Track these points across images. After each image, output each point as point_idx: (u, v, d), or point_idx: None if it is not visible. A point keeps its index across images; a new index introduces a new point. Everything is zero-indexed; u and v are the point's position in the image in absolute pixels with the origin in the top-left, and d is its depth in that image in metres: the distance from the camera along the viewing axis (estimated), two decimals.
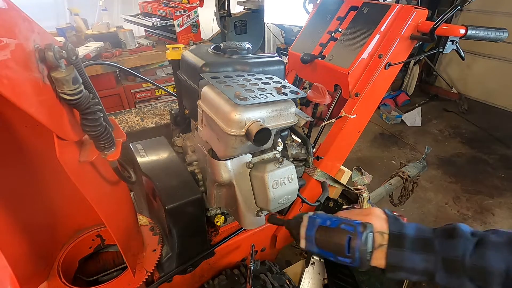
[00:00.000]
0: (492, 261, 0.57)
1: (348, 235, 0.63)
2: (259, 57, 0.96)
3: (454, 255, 0.60)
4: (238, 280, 1.14)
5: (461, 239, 0.61)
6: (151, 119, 1.64)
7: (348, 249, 0.62)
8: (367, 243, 0.62)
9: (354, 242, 0.62)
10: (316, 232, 0.67)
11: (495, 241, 0.59)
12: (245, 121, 0.73)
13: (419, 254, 0.62)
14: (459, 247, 0.60)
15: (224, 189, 0.95)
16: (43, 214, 0.87)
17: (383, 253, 0.64)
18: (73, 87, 0.54)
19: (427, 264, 0.62)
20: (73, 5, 2.97)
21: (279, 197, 0.89)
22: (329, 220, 0.68)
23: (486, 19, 3.98)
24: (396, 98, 4.38)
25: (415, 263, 0.62)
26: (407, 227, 0.66)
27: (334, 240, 0.64)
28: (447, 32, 0.95)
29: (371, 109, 1.15)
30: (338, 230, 0.65)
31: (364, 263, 0.63)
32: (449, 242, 0.62)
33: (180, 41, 2.79)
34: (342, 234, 0.63)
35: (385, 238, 0.65)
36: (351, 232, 0.63)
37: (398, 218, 0.68)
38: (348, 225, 0.64)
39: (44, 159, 0.78)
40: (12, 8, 0.44)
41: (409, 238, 0.64)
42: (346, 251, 0.63)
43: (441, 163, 3.23)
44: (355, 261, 0.63)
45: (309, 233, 0.68)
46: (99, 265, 1.11)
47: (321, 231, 0.67)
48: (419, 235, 0.64)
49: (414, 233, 0.65)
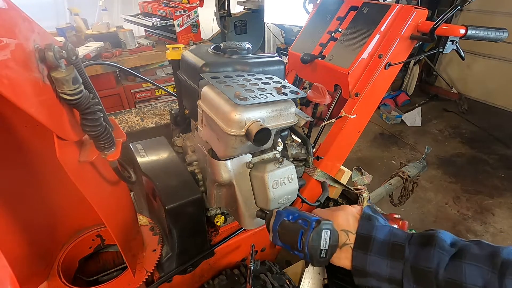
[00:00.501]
0: (468, 276, 0.51)
1: (301, 230, 0.64)
2: (259, 57, 0.96)
3: (427, 266, 0.55)
4: (238, 280, 1.14)
5: (436, 249, 0.55)
6: (151, 119, 1.64)
7: (300, 244, 0.63)
8: (320, 240, 0.61)
9: (304, 237, 0.62)
10: (279, 226, 0.69)
11: (475, 253, 0.53)
12: (245, 121, 0.73)
13: (385, 260, 0.58)
14: (433, 257, 0.55)
15: (224, 189, 0.95)
16: (43, 214, 0.87)
17: (348, 253, 0.62)
18: (73, 87, 0.54)
19: (392, 271, 0.58)
20: (73, 5, 2.97)
21: (279, 197, 0.89)
22: (292, 215, 0.69)
23: (486, 19, 3.98)
24: (396, 98, 4.38)
25: (380, 269, 0.59)
26: (378, 229, 0.62)
27: (290, 234, 0.66)
28: (447, 32, 0.95)
29: (371, 109, 1.15)
30: (295, 225, 0.66)
31: (315, 260, 0.62)
32: (422, 251, 0.56)
33: (180, 41, 2.80)
34: (297, 229, 0.65)
35: (351, 237, 0.62)
36: (304, 228, 0.64)
37: (374, 218, 0.64)
38: (304, 221, 0.65)
39: (44, 159, 0.78)
40: (12, 8, 0.44)
41: (377, 241, 0.60)
42: (298, 246, 0.63)
43: (441, 163, 3.23)
44: (306, 256, 0.63)
45: (274, 227, 0.70)
46: (99, 265, 1.11)
47: (283, 225, 0.68)
48: (389, 239, 0.60)
49: (383, 236, 0.60)
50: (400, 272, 0.57)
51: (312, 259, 0.62)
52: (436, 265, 0.54)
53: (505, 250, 0.52)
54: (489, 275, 0.51)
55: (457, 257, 0.54)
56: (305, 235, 0.62)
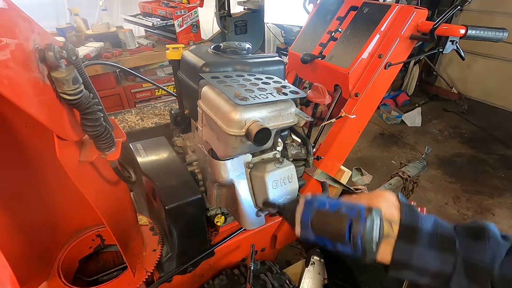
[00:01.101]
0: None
1: (349, 219, 0.55)
2: (259, 57, 0.96)
3: (480, 260, 0.50)
4: (238, 280, 1.14)
5: (490, 242, 0.51)
6: (151, 119, 1.64)
7: (349, 235, 0.54)
8: (373, 230, 0.53)
9: (356, 227, 0.53)
10: (313, 217, 0.59)
11: None
12: (245, 121, 0.73)
13: (433, 252, 0.53)
14: (487, 251, 0.51)
15: (224, 189, 0.95)
16: (43, 214, 0.87)
17: (390, 246, 0.55)
18: (73, 87, 0.54)
19: (443, 265, 0.52)
20: (73, 5, 2.97)
21: (279, 197, 0.89)
22: (329, 204, 0.60)
23: (486, 19, 3.98)
24: (396, 98, 4.38)
25: (427, 262, 0.53)
26: (423, 219, 0.55)
27: (333, 225, 0.56)
28: (447, 32, 0.95)
29: (371, 109, 1.15)
30: (338, 214, 0.57)
31: (368, 254, 0.54)
32: (475, 244, 0.52)
33: (180, 41, 2.79)
34: (343, 219, 0.56)
35: (395, 229, 0.55)
36: (353, 217, 0.55)
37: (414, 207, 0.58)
38: (351, 209, 0.56)
39: (44, 159, 0.78)
40: (12, 8, 0.44)
41: (425, 232, 0.54)
42: (346, 237, 0.54)
43: (441, 163, 3.23)
44: (357, 251, 0.54)
45: (305, 218, 0.60)
46: (99, 265, 1.11)
47: (319, 215, 0.59)
48: (438, 230, 0.54)
49: (431, 227, 0.55)
50: (451, 266, 0.52)
51: (365, 254, 0.53)
52: (491, 260, 0.50)
53: None
54: None
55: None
56: (356, 225, 0.53)
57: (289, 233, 1.38)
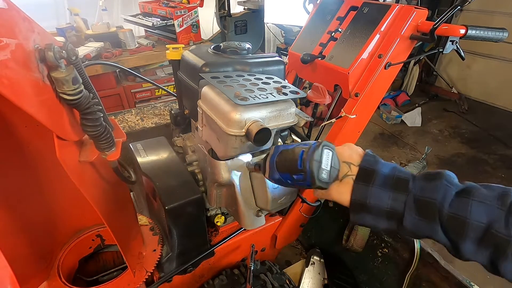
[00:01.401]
0: (473, 212, 0.50)
1: (302, 150, 0.61)
2: (259, 57, 0.97)
3: (431, 197, 0.53)
4: (238, 280, 1.14)
5: (443, 182, 0.54)
6: (151, 119, 1.64)
7: (301, 162, 0.60)
8: (321, 157, 0.59)
9: (305, 154, 0.60)
10: (277, 156, 0.66)
11: (484, 193, 0.52)
12: (245, 121, 0.73)
13: (388, 192, 0.56)
14: (439, 190, 0.53)
15: (224, 189, 0.95)
16: (43, 214, 0.87)
17: (348, 186, 0.59)
18: (73, 87, 0.54)
19: (394, 204, 0.55)
20: (73, 5, 2.97)
21: (279, 197, 0.89)
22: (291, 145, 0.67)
23: (486, 19, 3.98)
24: (396, 98, 4.38)
25: (381, 201, 0.56)
26: (382, 165, 0.59)
27: (289, 158, 0.63)
28: (447, 32, 0.95)
29: (371, 109, 1.15)
30: (294, 148, 0.63)
31: (316, 178, 0.58)
32: (428, 183, 0.55)
33: (180, 41, 2.79)
34: (297, 151, 0.62)
35: (353, 170, 0.60)
36: (305, 147, 0.61)
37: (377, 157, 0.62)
38: (305, 143, 0.63)
39: (44, 159, 0.78)
40: (12, 8, 0.44)
41: (380, 174, 0.57)
42: (298, 165, 0.60)
43: (441, 163, 3.22)
44: (306, 177, 0.59)
45: (272, 160, 0.67)
46: (99, 265, 1.11)
47: (281, 154, 0.66)
48: (395, 173, 0.58)
49: (389, 171, 0.58)
50: (403, 204, 0.55)
51: (312, 177, 0.59)
52: (441, 198, 0.52)
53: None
54: (496, 211, 0.49)
55: (464, 194, 0.52)
56: (306, 153, 0.60)
57: (289, 233, 1.38)
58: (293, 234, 1.43)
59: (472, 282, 1.01)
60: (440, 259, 1.09)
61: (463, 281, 1.02)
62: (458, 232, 0.51)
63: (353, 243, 1.31)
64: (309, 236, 1.76)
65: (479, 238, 0.50)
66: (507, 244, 0.47)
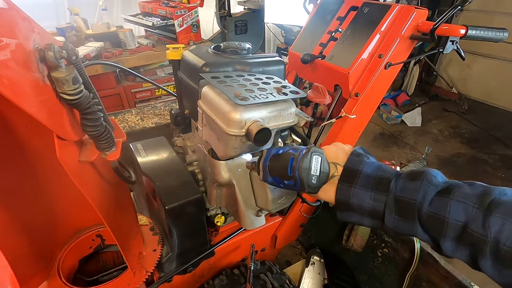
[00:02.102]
0: (452, 211, 0.50)
1: (291, 157, 0.63)
2: (259, 57, 0.96)
3: (411, 198, 0.54)
4: (238, 280, 1.14)
5: (424, 182, 0.54)
6: (151, 119, 1.64)
7: (290, 169, 0.63)
8: (310, 164, 0.61)
9: (295, 162, 0.62)
10: (269, 161, 0.68)
11: (465, 192, 0.52)
12: (245, 121, 0.73)
13: (369, 192, 0.57)
14: (419, 190, 0.53)
15: (224, 189, 0.95)
16: (43, 214, 0.87)
17: (334, 186, 0.61)
18: (73, 87, 0.54)
19: (375, 204, 0.57)
20: (73, 5, 2.97)
21: (279, 197, 0.89)
22: (282, 149, 0.68)
23: (486, 19, 3.98)
24: (396, 98, 4.38)
25: (363, 201, 0.58)
26: (366, 164, 0.60)
27: (280, 164, 0.65)
28: (447, 32, 0.95)
29: (371, 109, 1.15)
30: (285, 154, 0.66)
31: (306, 184, 0.61)
32: (409, 184, 0.55)
33: (180, 41, 2.79)
34: (287, 157, 0.64)
35: (339, 170, 0.62)
36: (295, 154, 0.63)
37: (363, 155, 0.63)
38: (295, 149, 0.65)
39: (44, 159, 0.78)
40: (12, 8, 0.44)
41: (363, 175, 0.59)
42: (288, 171, 0.63)
43: (441, 163, 3.22)
44: (297, 183, 0.62)
45: (265, 163, 0.69)
46: (99, 265, 1.11)
47: (273, 159, 0.68)
48: (376, 173, 0.59)
49: (371, 171, 0.59)
50: (383, 204, 0.56)
51: (302, 184, 0.61)
52: (421, 198, 0.53)
53: (497, 190, 0.51)
54: (474, 211, 0.49)
55: (444, 193, 0.53)
56: (295, 160, 0.62)
57: (289, 233, 1.38)
58: (293, 234, 1.43)
59: (472, 282, 1.01)
60: (440, 259, 1.09)
61: (463, 281, 1.02)
62: (437, 231, 0.52)
63: (353, 243, 1.31)
64: (309, 236, 1.76)
65: (457, 236, 0.50)
66: (483, 243, 0.47)
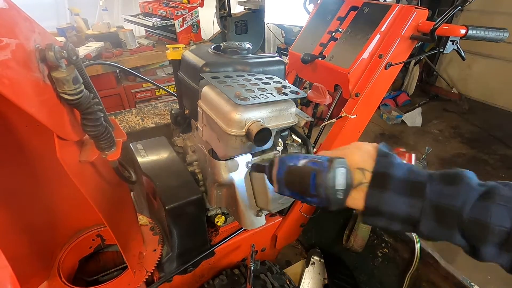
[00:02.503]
0: (495, 216, 0.48)
1: (313, 172, 0.57)
2: (259, 57, 0.96)
3: (451, 204, 0.51)
4: (238, 280, 1.14)
5: (463, 186, 0.51)
6: (152, 119, 1.64)
7: (314, 187, 0.57)
8: (335, 179, 0.56)
9: (319, 178, 0.56)
10: (285, 173, 0.62)
11: (505, 194, 0.49)
12: (246, 121, 0.73)
13: (403, 197, 0.54)
14: (459, 195, 0.51)
15: (224, 189, 0.95)
16: (44, 214, 0.87)
17: (362, 193, 0.56)
18: (74, 87, 0.54)
19: (410, 210, 0.53)
20: (73, 5, 2.98)
21: (279, 197, 0.89)
22: (297, 159, 0.62)
23: (487, 19, 3.98)
24: (396, 98, 4.38)
25: (396, 208, 0.54)
26: (396, 167, 0.56)
27: (299, 179, 0.59)
28: (447, 32, 0.95)
29: (372, 109, 1.15)
30: (303, 168, 0.59)
31: (333, 203, 0.56)
32: (447, 188, 0.52)
33: (180, 41, 2.80)
34: (307, 172, 0.58)
35: (367, 176, 0.57)
36: (316, 169, 0.57)
37: (391, 156, 0.59)
38: (315, 162, 0.59)
39: (45, 159, 0.78)
40: (13, 8, 0.44)
41: (396, 179, 0.55)
42: (311, 189, 0.57)
43: (441, 163, 3.22)
44: (322, 201, 0.57)
45: (279, 175, 0.63)
46: (99, 265, 1.11)
47: (289, 171, 0.62)
48: (409, 177, 0.55)
49: (403, 174, 0.56)
50: (419, 211, 0.53)
51: (329, 202, 0.56)
52: (461, 204, 0.50)
53: None
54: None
55: (485, 197, 0.50)
56: (319, 177, 0.56)
57: (290, 233, 1.38)
58: (293, 234, 1.43)
59: (472, 282, 1.01)
60: (440, 259, 1.09)
61: (463, 281, 1.02)
62: (479, 237, 0.50)
63: (353, 243, 1.31)
64: (309, 236, 1.76)
65: (501, 242, 0.48)
66: None
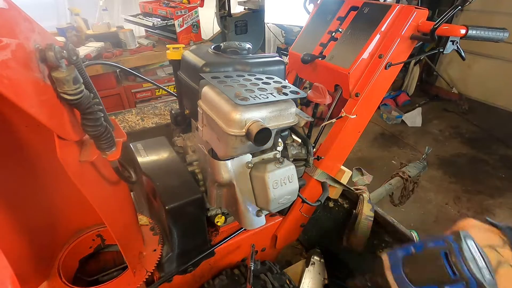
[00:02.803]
0: None
1: (442, 251, 0.48)
2: (259, 57, 0.96)
3: None
4: (238, 280, 1.14)
5: None
6: (152, 119, 1.64)
7: (450, 268, 0.47)
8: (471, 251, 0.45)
9: (453, 255, 0.46)
10: (404, 267, 0.52)
11: None
12: (246, 121, 0.73)
13: None
14: None
15: (225, 189, 0.95)
16: (44, 214, 0.87)
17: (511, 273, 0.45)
18: (74, 87, 0.54)
19: None
20: (73, 5, 2.98)
21: (280, 197, 0.89)
22: (412, 247, 0.54)
23: (487, 19, 3.98)
24: (396, 98, 4.38)
25: None
26: None
27: (428, 265, 0.49)
28: (447, 32, 0.95)
29: (372, 109, 1.15)
30: (427, 251, 0.50)
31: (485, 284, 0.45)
32: None
33: (180, 41, 2.80)
34: (435, 254, 0.48)
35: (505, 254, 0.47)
36: (444, 247, 0.48)
37: None
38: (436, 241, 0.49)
39: (45, 159, 0.78)
40: (13, 8, 0.44)
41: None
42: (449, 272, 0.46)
43: (441, 163, 3.22)
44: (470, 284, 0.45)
45: (397, 273, 0.53)
46: (99, 265, 1.11)
47: (409, 263, 0.52)
48: None
49: None
50: None
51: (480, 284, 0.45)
52: None
53: None
54: None
55: None
56: (452, 253, 0.46)
57: (290, 233, 1.38)
58: (293, 234, 1.43)
59: None
60: None
61: None
62: None
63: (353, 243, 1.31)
64: (309, 236, 1.76)
65: None
66: None
